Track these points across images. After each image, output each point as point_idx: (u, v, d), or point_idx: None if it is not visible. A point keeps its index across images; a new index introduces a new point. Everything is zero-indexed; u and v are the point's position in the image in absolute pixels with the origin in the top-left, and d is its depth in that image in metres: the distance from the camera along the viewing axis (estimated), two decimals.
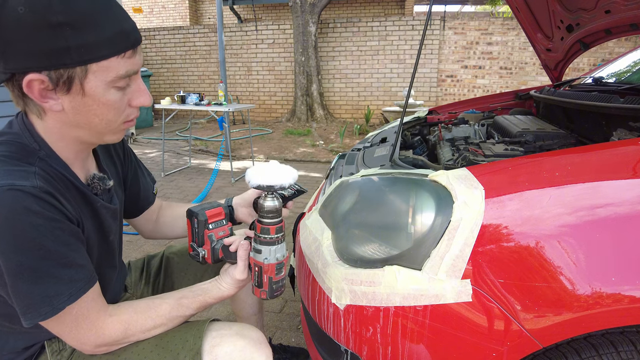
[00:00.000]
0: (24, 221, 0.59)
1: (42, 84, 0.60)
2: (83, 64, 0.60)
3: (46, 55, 0.58)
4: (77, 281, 0.66)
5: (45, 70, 0.59)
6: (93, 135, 0.70)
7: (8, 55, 0.59)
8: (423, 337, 0.77)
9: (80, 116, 0.65)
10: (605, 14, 1.56)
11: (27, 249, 0.60)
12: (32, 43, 0.57)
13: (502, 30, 7.37)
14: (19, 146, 0.66)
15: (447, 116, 1.99)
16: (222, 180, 4.14)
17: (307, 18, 7.23)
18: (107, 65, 0.62)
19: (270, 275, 0.80)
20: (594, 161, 0.77)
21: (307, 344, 1.08)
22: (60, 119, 0.66)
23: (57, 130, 0.68)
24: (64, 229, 0.64)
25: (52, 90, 0.61)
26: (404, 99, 6.29)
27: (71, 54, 0.59)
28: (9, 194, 0.58)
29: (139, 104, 0.71)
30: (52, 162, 0.68)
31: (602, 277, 0.68)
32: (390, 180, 0.92)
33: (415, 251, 0.78)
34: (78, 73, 0.61)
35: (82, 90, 0.62)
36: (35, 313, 0.63)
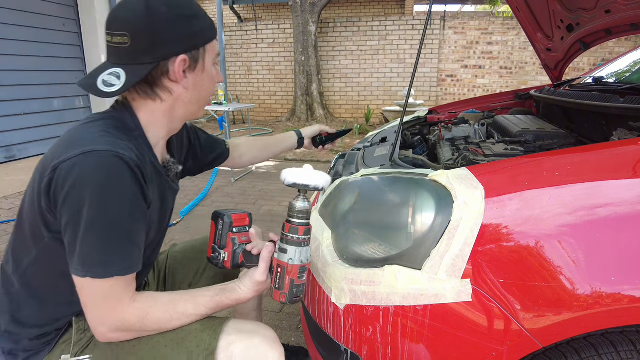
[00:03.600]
0: (118, 186, 0.68)
1: (185, 63, 0.76)
2: (204, 44, 0.79)
3: (185, 40, 0.75)
4: (132, 259, 0.72)
5: (186, 51, 0.76)
6: (196, 109, 0.85)
7: (157, 45, 0.73)
8: (423, 336, 0.77)
9: (197, 92, 0.82)
10: (605, 13, 1.56)
11: (109, 211, 0.68)
12: (174, 32, 0.74)
13: (502, 30, 7.36)
14: (120, 122, 0.78)
15: (447, 116, 1.98)
16: (222, 179, 4.14)
17: (307, 18, 7.23)
18: (212, 45, 0.81)
19: (292, 278, 0.78)
20: (594, 161, 0.77)
21: (307, 343, 1.08)
22: (180, 97, 0.80)
23: (168, 110, 0.81)
24: (140, 207, 0.73)
25: (188, 69, 0.77)
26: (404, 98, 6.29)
27: (199, 37, 0.77)
28: (114, 159, 0.68)
29: (220, 80, 0.87)
30: (142, 141, 0.79)
31: (602, 277, 0.68)
32: (390, 180, 0.92)
33: (415, 251, 0.78)
34: (201, 52, 0.79)
35: (203, 66, 0.80)
36: (88, 268, 0.68)
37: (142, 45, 0.72)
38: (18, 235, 0.80)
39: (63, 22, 5.43)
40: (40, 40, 5.09)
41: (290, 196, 3.58)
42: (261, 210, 3.22)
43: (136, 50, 0.72)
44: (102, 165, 0.67)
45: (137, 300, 0.75)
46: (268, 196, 3.59)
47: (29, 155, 4.99)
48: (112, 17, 0.74)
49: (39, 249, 0.76)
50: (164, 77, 0.76)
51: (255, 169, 4.61)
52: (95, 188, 0.66)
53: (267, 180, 4.13)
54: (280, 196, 3.58)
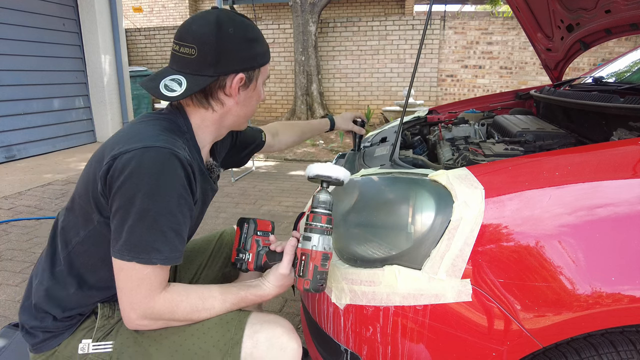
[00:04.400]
0: (171, 180, 0.74)
1: (241, 81, 0.84)
2: (259, 67, 0.87)
3: (246, 60, 0.83)
4: (175, 250, 0.76)
5: (245, 71, 0.84)
6: (242, 120, 0.93)
7: (221, 62, 0.80)
8: (423, 336, 0.77)
9: (245, 106, 0.89)
10: (605, 13, 1.56)
11: (161, 202, 0.73)
12: (238, 52, 0.82)
13: (502, 30, 7.36)
14: (175, 124, 0.85)
15: (447, 116, 1.98)
16: (222, 179, 4.14)
17: (307, 17, 7.23)
18: (265, 68, 0.89)
19: (316, 264, 0.80)
20: (594, 161, 0.77)
21: (307, 343, 1.08)
22: (229, 110, 0.87)
23: (218, 119, 0.88)
24: (188, 201, 0.78)
25: (243, 85, 0.85)
26: (404, 98, 6.29)
27: (257, 59, 0.85)
28: (170, 155, 0.74)
29: (263, 100, 0.95)
30: (191, 143, 0.86)
31: (602, 277, 0.68)
32: (390, 180, 0.92)
33: (415, 251, 0.78)
34: (256, 73, 0.87)
35: (255, 85, 0.88)
36: (135, 253, 0.72)
37: (207, 59, 0.80)
38: (69, 218, 0.86)
39: (63, 22, 5.43)
40: (41, 40, 5.09)
41: (290, 196, 3.58)
42: (261, 210, 3.22)
43: (201, 63, 0.80)
44: (159, 160, 0.73)
45: (169, 291, 0.78)
46: (268, 196, 3.59)
47: (28, 155, 4.99)
48: (185, 29, 0.81)
49: (88, 231, 0.82)
50: (220, 91, 0.84)
51: (256, 169, 4.60)
52: (150, 179, 0.72)
53: (267, 180, 4.13)
54: (280, 196, 3.59)
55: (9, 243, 2.60)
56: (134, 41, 8.96)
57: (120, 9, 5.86)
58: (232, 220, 2.94)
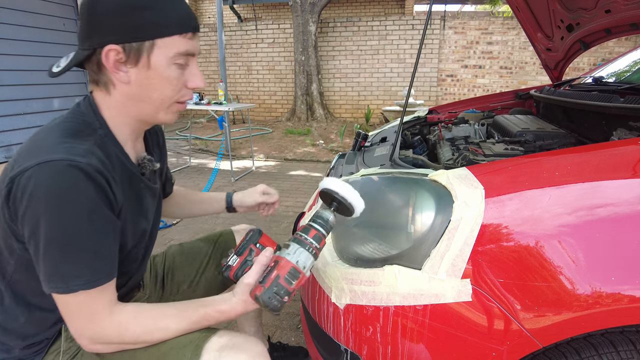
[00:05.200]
0: (73, 198, 0.65)
1: (117, 54, 0.70)
2: (151, 39, 0.70)
3: (125, 30, 0.69)
4: (98, 271, 0.69)
5: (121, 42, 0.69)
6: (151, 111, 0.77)
7: (94, 33, 0.69)
8: (423, 336, 0.77)
9: (143, 90, 0.74)
10: (605, 13, 1.56)
11: (67, 226, 0.65)
12: (115, 22, 0.68)
13: (502, 30, 7.36)
14: (82, 123, 0.74)
15: (447, 116, 1.98)
16: (222, 179, 4.14)
17: (307, 17, 7.23)
18: (171, 42, 0.72)
19: (279, 274, 0.71)
20: (594, 161, 0.77)
21: (307, 343, 1.08)
22: (125, 93, 0.74)
23: (120, 105, 0.75)
24: (102, 215, 0.69)
25: (124, 62, 0.71)
26: (404, 98, 6.29)
27: (144, 30, 0.70)
28: (67, 169, 0.64)
29: (194, 86, 0.78)
30: (108, 140, 0.75)
31: (602, 277, 0.68)
32: (390, 179, 0.92)
33: (415, 251, 0.78)
34: (147, 46, 0.70)
35: (148, 63, 0.71)
36: (53, 284, 0.67)
37: (83, 31, 0.71)
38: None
39: (63, 22, 5.42)
40: (40, 40, 5.08)
41: (290, 196, 3.58)
42: None
43: (80, 35, 0.73)
44: (56, 177, 0.64)
45: (116, 312, 0.72)
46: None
47: None
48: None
49: (15, 259, 0.74)
50: (104, 67, 0.72)
51: (256, 169, 4.60)
52: (49, 202, 0.64)
53: (267, 181, 4.13)
54: (280, 196, 3.58)
55: None
56: None
57: None
58: (232, 220, 2.93)
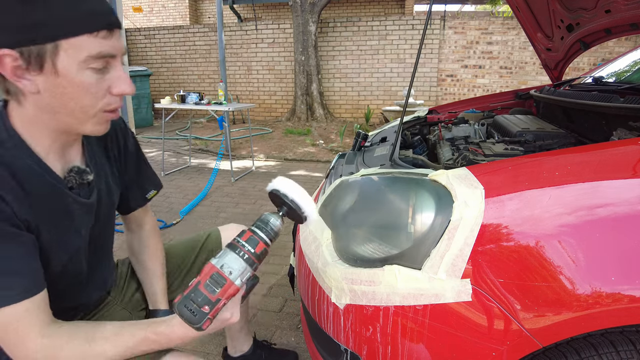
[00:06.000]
0: None
1: (14, 60, 0.59)
2: (52, 40, 0.59)
3: (16, 31, 0.58)
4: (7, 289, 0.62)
5: (16, 46, 0.59)
6: (72, 122, 0.67)
7: None
8: (423, 336, 0.77)
9: (56, 99, 0.64)
10: (605, 13, 1.56)
11: None
12: (4, 21, 0.58)
13: (502, 30, 7.36)
14: None
15: (447, 116, 1.98)
16: (222, 179, 4.14)
17: (307, 17, 7.23)
18: (79, 43, 0.61)
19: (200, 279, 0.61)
20: (594, 161, 0.77)
21: (307, 343, 1.08)
22: (37, 104, 0.65)
23: (35, 117, 0.66)
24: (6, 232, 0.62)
25: (25, 69, 0.60)
26: (404, 98, 6.29)
27: (40, 30, 0.58)
28: None
29: (120, 92, 0.68)
30: (19, 153, 0.66)
31: (602, 277, 0.68)
32: (390, 179, 0.92)
33: (415, 251, 0.78)
34: (49, 50, 0.60)
35: (55, 69, 0.61)
36: None
37: None
38: None
39: None
40: None
41: None
42: (261, 210, 3.22)
43: None
44: None
45: (47, 335, 0.65)
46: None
47: None
48: None
49: None
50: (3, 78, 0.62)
51: (256, 169, 4.60)
52: None
53: (267, 181, 4.11)
54: None
55: None
56: (133, 41, 8.96)
57: (120, 8, 5.85)
58: (232, 220, 2.94)
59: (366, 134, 1.52)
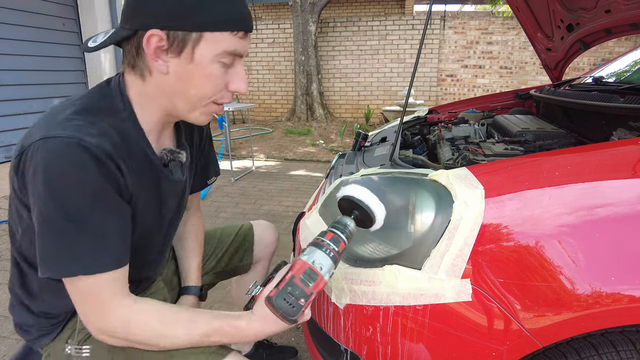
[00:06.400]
0: (75, 178, 0.61)
1: (160, 41, 0.64)
2: (200, 30, 0.64)
3: (170, 16, 0.63)
4: (100, 257, 0.65)
5: (166, 29, 0.64)
6: (184, 107, 0.72)
7: (139, 13, 0.64)
8: (423, 336, 0.77)
9: (180, 83, 0.68)
10: (605, 13, 1.56)
11: (65, 205, 0.61)
12: (163, 5, 0.63)
13: (502, 30, 7.36)
14: (106, 100, 0.70)
15: (447, 115, 1.98)
16: (222, 179, 4.14)
17: (307, 17, 7.23)
18: (220, 37, 0.66)
19: (294, 274, 0.66)
20: (594, 161, 0.77)
21: (307, 343, 1.08)
22: (161, 84, 0.69)
23: (152, 95, 0.71)
24: (109, 200, 0.65)
25: (165, 50, 0.65)
26: (404, 98, 6.29)
27: (194, 20, 0.64)
28: (73, 147, 0.61)
29: (236, 89, 0.72)
30: (130, 124, 0.71)
31: (602, 277, 0.68)
32: (390, 179, 0.92)
33: (415, 250, 0.78)
34: (193, 38, 0.65)
35: (192, 56, 0.66)
36: (47, 267, 0.63)
37: (127, 8, 0.66)
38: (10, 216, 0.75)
39: (63, 22, 5.43)
40: (40, 40, 5.09)
41: (290, 196, 3.57)
42: (261, 210, 3.22)
43: (124, 12, 0.67)
44: (59, 154, 0.60)
45: (125, 306, 0.68)
46: (268, 196, 3.59)
47: None
48: None
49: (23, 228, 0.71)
50: (143, 52, 0.66)
51: (256, 168, 4.60)
52: (49, 181, 0.60)
53: (267, 180, 4.13)
54: (280, 196, 3.58)
55: (9, 243, 2.60)
56: None
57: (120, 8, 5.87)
58: (232, 220, 2.93)
59: (366, 134, 1.52)
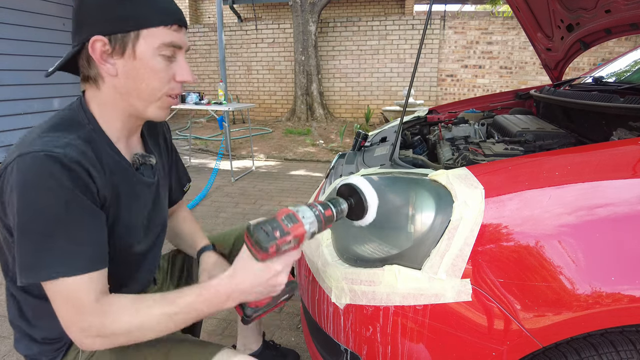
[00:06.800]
0: (45, 186, 0.65)
1: (103, 45, 0.72)
2: (136, 29, 0.72)
3: (108, 22, 0.71)
4: (78, 259, 0.67)
5: (107, 34, 0.71)
6: (140, 104, 0.78)
7: (82, 28, 0.72)
8: (423, 336, 0.77)
9: (130, 81, 0.75)
10: (605, 13, 1.56)
11: (39, 213, 0.65)
12: (101, 14, 0.71)
13: (502, 30, 7.36)
14: (70, 119, 0.76)
15: (447, 115, 1.98)
16: (222, 179, 4.14)
17: (307, 17, 7.23)
18: (156, 32, 0.73)
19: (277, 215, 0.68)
20: (593, 161, 0.77)
21: (307, 343, 1.08)
22: (114, 87, 0.75)
23: (110, 101, 0.77)
24: (80, 203, 0.68)
25: (110, 53, 0.73)
26: (404, 98, 6.29)
27: (128, 21, 0.72)
28: (42, 158, 0.65)
29: (182, 79, 0.79)
30: (97, 135, 0.77)
31: (602, 277, 0.68)
32: (390, 179, 0.92)
33: (415, 250, 0.78)
34: (132, 37, 0.72)
35: (134, 53, 0.73)
36: (28, 273, 0.65)
37: (73, 28, 0.74)
38: None
39: (63, 22, 5.42)
40: (40, 40, 5.09)
41: (290, 196, 3.57)
42: (261, 210, 3.22)
43: (72, 34, 0.75)
44: (31, 167, 0.65)
45: (103, 302, 0.69)
46: (268, 196, 3.59)
47: None
48: None
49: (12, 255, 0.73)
50: (93, 62, 0.74)
51: (256, 168, 4.60)
52: (23, 191, 0.65)
53: (267, 180, 4.13)
54: (280, 196, 3.58)
55: None
56: None
57: None
58: (232, 220, 2.93)
59: (366, 134, 1.53)
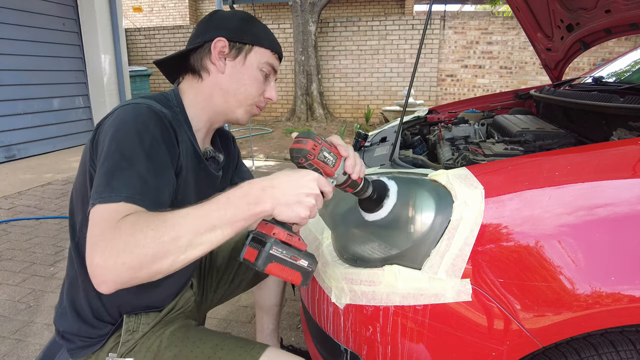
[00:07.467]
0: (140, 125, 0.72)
1: (224, 47, 0.86)
2: (252, 44, 0.88)
3: (234, 32, 0.87)
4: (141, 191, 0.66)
5: (230, 39, 0.86)
6: (233, 103, 0.90)
7: (209, 31, 0.87)
8: (423, 336, 0.77)
9: (233, 81, 0.88)
10: (605, 13, 1.56)
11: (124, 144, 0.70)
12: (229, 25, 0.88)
13: (502, 30, 7.36)
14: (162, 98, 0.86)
15: (447, 115, 1.98)
16: None
17: (307, 17, 7.23)
18: (264, 52, 0.90)
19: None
20: (593, 161, 0.77)
21: (307, 343, 1.08)
22: (216, 82, 0.88)
23: (207, 92, 0.89)
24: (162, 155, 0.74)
25: (225, 54, 0.87)
26: (404, 98, 6.29)
27: (249, 36, 0.88)
28: (143, 107, 0.75)
29: (269, 96, 0.93)
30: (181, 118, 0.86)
31: (602, 277, 0.68)
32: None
33: (415, 250, 0.78)
34: (246, 48, 0.88)
35: (244, 60, 0.88)
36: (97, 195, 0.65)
37: (197, 31, 0.89)
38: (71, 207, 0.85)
39: (63, 22, 5.42)
40: (40, 40, 5.08)
41: None
42: None
43: (192, 36, 0.90)
44: (131, 111, 0.74)
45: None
46: None
47: (29, 154, 4.99)
48: None
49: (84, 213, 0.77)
50: (206, 58, 0.87)
51: (256, 168, 4.60)
52: (118, 125, 0.72)
53: None
54: None
55: (9, 243, 2.60)
56: (133, 41, 8.96)
57: (120, 8, 5.85)
58: None
59: (366, 134, 1.52)
